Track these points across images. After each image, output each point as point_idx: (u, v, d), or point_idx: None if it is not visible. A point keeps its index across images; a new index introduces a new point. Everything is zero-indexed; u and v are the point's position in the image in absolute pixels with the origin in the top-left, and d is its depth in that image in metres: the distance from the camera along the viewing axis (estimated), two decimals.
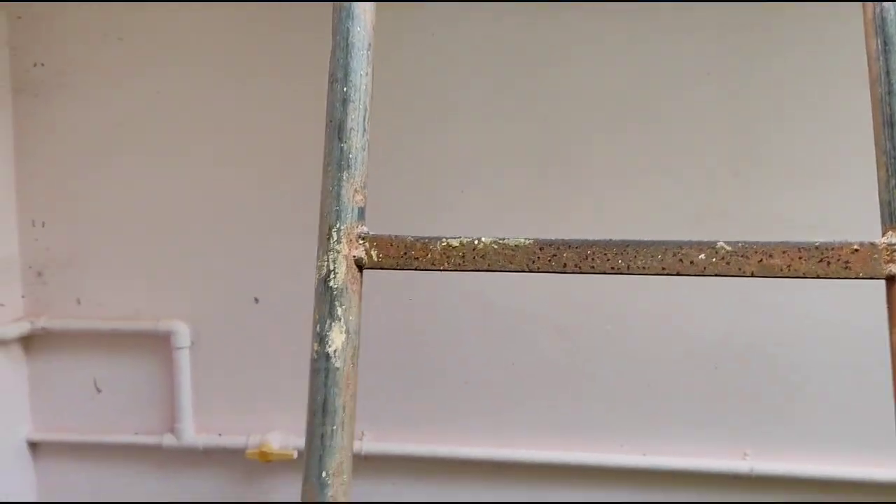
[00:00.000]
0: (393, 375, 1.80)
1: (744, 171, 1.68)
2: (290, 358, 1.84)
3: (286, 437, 1.84)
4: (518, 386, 1.77)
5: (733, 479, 1.75)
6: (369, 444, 1.81)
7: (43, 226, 1.86)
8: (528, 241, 0.76)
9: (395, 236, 0.78)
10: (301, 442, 1.81)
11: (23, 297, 1.89)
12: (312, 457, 0.75)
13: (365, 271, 0.79)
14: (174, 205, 1.83)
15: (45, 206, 1.86)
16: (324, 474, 0.74)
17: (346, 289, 0.77)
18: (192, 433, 1.86)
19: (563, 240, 0.77)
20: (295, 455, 1.81)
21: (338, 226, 0.77)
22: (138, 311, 1.86)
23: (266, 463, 1.83)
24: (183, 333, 1.84)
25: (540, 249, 0.76)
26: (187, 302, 1.85)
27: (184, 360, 1.84)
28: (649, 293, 1.72)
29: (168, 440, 1.87)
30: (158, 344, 1.86)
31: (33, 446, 1.95)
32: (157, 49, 1.80)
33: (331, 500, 0.74)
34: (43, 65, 1.83)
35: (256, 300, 1.84)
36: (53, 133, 1.84)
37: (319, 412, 0.75)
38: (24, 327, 1.85)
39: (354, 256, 0.78)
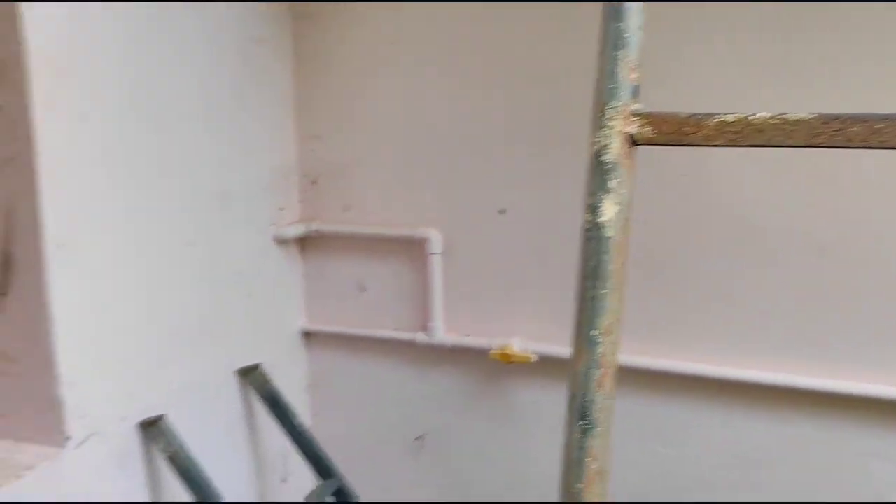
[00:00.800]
0: (637, 288, 1.79)
1: None
2: (533, 268, 1.92)
3: (526, 342, 1.93)
4: (768, 305, 1.71)
5: None
6: None
7: (318, 138, 2.08)
8: (810, 116, 0.75)
9: (669, 113, 0.80)
10: (540, 347, 1.92)
11: (300, 202, 2.14)
12: (584, 317, 0.81)
13: (638, 147, 0.82)
14: (432, 120, 1.95)
15: (320, 121, 2.08)
16: (594, 332, 0.80)
17: (619, 163, 0.80)
18: (442, 333, 2.03)
19: (848, 114, 0.74)
20: (534, 358, 1.90)
21: (612, 103, 0.81)
22: (397, 218, 2.03)
23: (507, 364, 1.95)
24: (436, 240, 1.98)
25: (823, 124, 0.74)
26: (441, 211, 1.98)
27: (436, 265, 1.99)
28: None
29: (421, 337, 2.05)
30: (414, 249, 2.02)
31: (306, 336, 2.23)
32: None
33: (600, 357, 0.79)
34: None
35: (502, 211, 1.93)
36: (328, 54, 2.03)
37: (591, 277, 0.80)
38: (299, 229, 2.11)
39: (627, 133, 0.81)
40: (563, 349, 1.86)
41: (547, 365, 1.92)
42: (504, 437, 2.05)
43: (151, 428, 1.63)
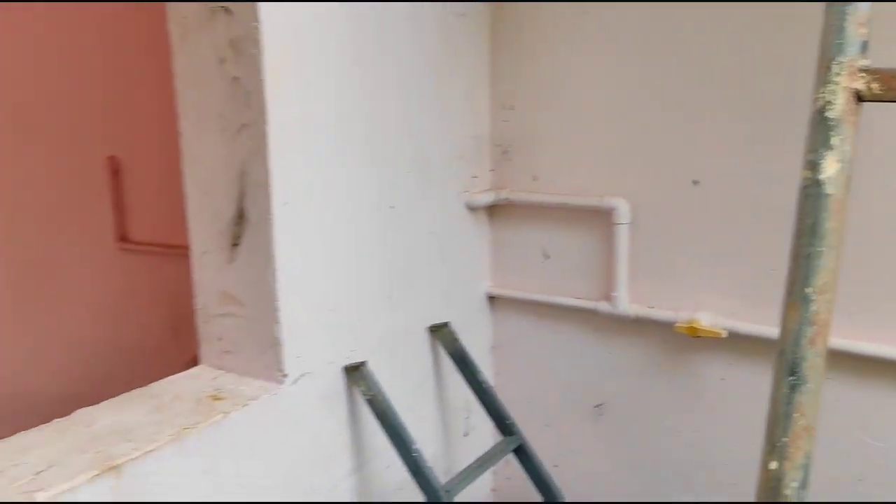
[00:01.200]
0: (852, 262, 1.69)
1: None
2: (726, 242, 1.87)
3: (715, 317, 1.89)
4: None
5: None
6: None
7: (511, 109, 2.15)
8: None
9: None
10: (728, 323, 1.87)
11: (491, 170, 2.23)
12: (798, 275, 0.81)
13: (863, 105, 0.80)
14: (624, 90, 1.95)
15: (513, 92, 2.14)
16: (808, 290, 0.80)
17: (843, 120, 0.79)
18: (626, 303, 2.03)
19: None
20: (724, 334, 1.86)
21: (838, 58, 0.80)
22: (584, 188, 2.06)
23: (693, 338, 1.92)
24: (623, 210, 1.99)
25: None
26: (629, 181, 1.98)
27: (623, 235, 2.00)
28: None
29: (603, 307, 2.07)
30: (600, 219, 2.04)
31: (491, 299, 2.32)
32: None
33: (813, 315, 0.79)
34: None
35: (695, 182, 1.90)
36: (522, 27, 2.08)
37: (808, 234, 0.80)
38: (490, 197, 2.19)
39: (853, 89, 0.79)
40: (753, 326, 1.83)
41: (735, 342, 1.87)
42: (687, 412, 2.03)
43: (354, 372, 1.79)
